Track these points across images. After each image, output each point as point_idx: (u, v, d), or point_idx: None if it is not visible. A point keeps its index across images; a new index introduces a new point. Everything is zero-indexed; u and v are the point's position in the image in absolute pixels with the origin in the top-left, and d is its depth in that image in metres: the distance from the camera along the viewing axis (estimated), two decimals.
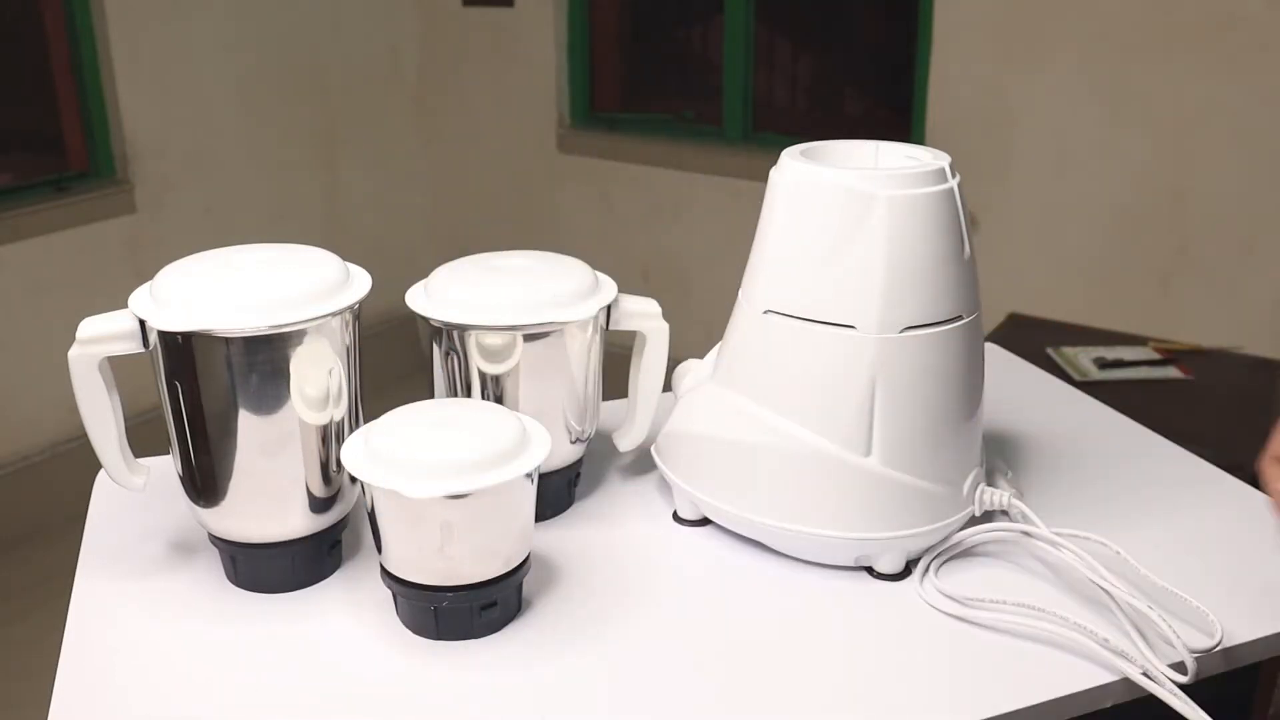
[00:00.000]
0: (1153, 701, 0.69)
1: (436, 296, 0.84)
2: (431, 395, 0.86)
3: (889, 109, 3.14)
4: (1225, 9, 2.40)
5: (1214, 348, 2.14)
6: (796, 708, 0.68)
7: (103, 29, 2.82)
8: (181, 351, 0.73)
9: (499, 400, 0.83)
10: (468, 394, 0.84)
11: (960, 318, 0.78)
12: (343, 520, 0.81)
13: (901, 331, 0.76)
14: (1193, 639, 0.70)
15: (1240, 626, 0.73)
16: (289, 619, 0.76)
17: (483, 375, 0.83)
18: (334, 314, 0.75)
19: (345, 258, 0.82)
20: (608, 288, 0.87)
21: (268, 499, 0.77)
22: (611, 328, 0.88)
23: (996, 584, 0.78)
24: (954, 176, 0.79)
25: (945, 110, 2.78)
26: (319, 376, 0.76)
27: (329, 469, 0.78)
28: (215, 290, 0.74)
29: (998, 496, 0.81)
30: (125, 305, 0.76)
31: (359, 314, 0.79)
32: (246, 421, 0.75)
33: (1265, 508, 0.88)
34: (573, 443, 0.87)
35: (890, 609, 0.76)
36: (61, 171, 2.87)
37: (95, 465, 0.82)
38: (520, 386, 0.83)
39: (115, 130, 2.89)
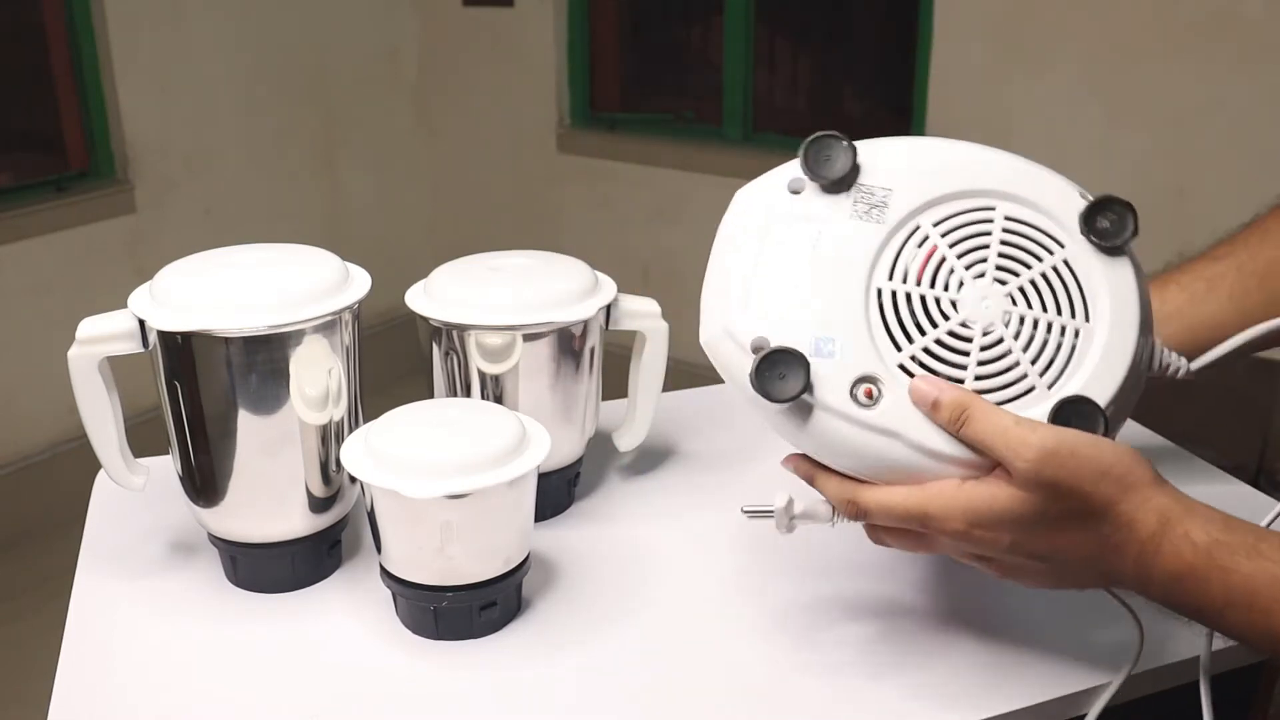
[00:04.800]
0: (1152, 702, 0.69)
1: (436, 296, 0.84)
2: (431, 395, 0.86)
3: (889, 109, 3.14)
4: (1225, 9, 2.40)
5: None
6: (797, 705, 0.68)
7: (103, 29, 2.82)
8: (181, 351, 0.74)
9: (499, 400, 0.83)
10: (468, 394, 0.84)
11: None
12: (343, 520, 0.81)
13: None
14: (1187, 639, 0.70)
15: None
16: (289, 619, 0.76)
17: (483, 375, 0.83)
18: (334, 314, 0.75)
19: (345, 258, 0.82)
20: (608, 288, 0.87)
21: (268, 499, 0.77)
22: (611, 327, 0.88)
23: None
24: None
25: (945, 110, 2.78)
26: (319, 376, 0.76)
27: (329, 469, 0.78)
28: (215, 290, 0.74)
29: None
30: (125, 305, 0.76)
31: (359, 314, 0.79)
32: (246, 421, 0.75)
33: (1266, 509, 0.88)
34: (572, 443, 0.87)
35: (892, 607, 0.76)
36: (61, 171, 2.86)
37: (95, 465, 0.82)
38: (520, 386, 0.83)
39: (115, 130, 2.88)
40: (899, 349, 0.62)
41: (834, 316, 0.62)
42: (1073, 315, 0.63)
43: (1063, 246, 0.63)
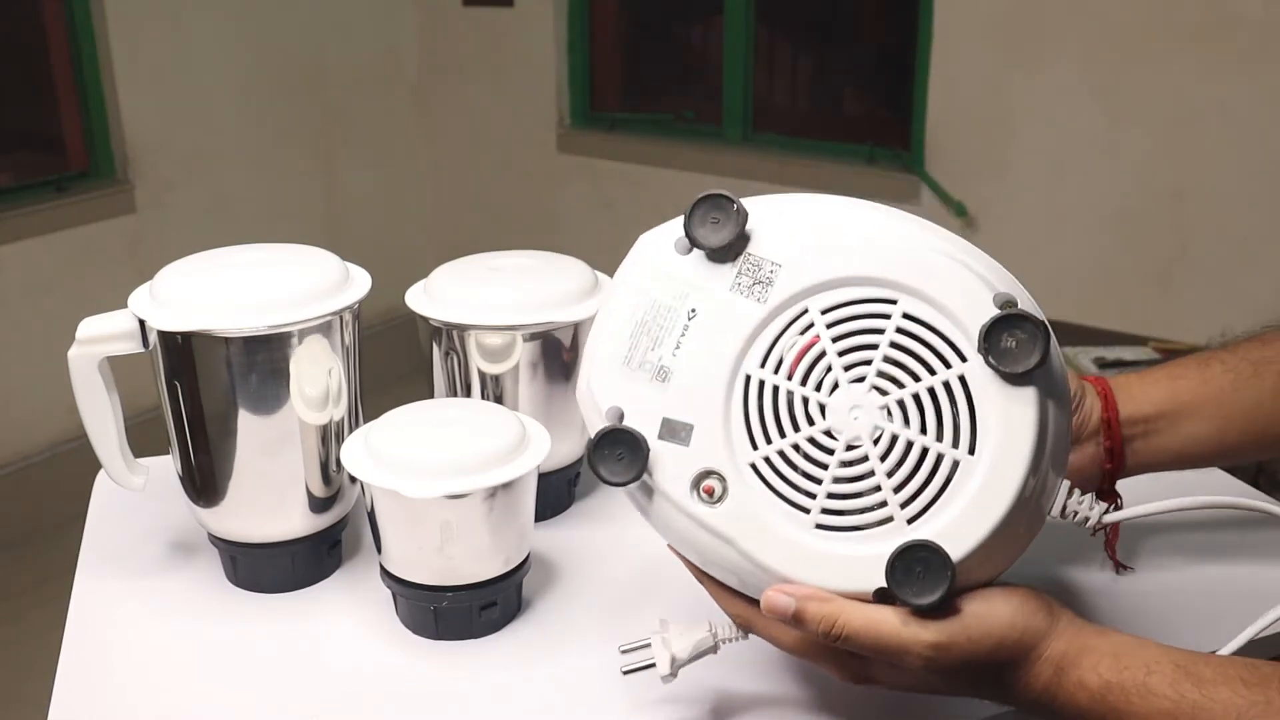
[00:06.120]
0: None
1: (436, 296, 0.84)
2: (431, 395, 0.86)
3: (889, 109, 3.14)
4: (1225, 10, 2.40)
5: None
6: (798, 705, 0.68)
7: (103, 29, 2.82)
8: (181, 351, 0.74)
9: (499, 400, 0.83)
10: (468, 394, 0.84)
11: None
12: (343, 520, 0.81)
13: None
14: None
15: (1233, 626, 0.73)
16: (289, 619, 0.76)
17: (483, 375, 0.83)
18: (334, 314, 0.75)
19: (345, 258, 0.82)
20: (607, 288, 0.87)
21: (268, 499, 0.77)
22: None
23: None
24: None
25: (945, 110, 2.78)
26: (319, 376, 0.76)
27: (329, 469, 0.78)
28: (215, 290, 0.74)
29: None
30: (125, 305, 0.76)
31: (359, 314, 0.79)
32: (246, 421, 0.75)
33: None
34: (572, 442, 0.87)
35: None
36: (61, 171, 2.86)
37: (95, 465, 0.82)
38: (520, 386, 0.83)
39: (115, 130, 2.88)
40: (755, 447, 0.57)
41: (693, 400, 0.58)
42: (955, 444, 0.55)
43: (964, 360, 0.55)
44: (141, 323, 0.74)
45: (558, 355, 0.83)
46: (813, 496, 0.56)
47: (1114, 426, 0.72)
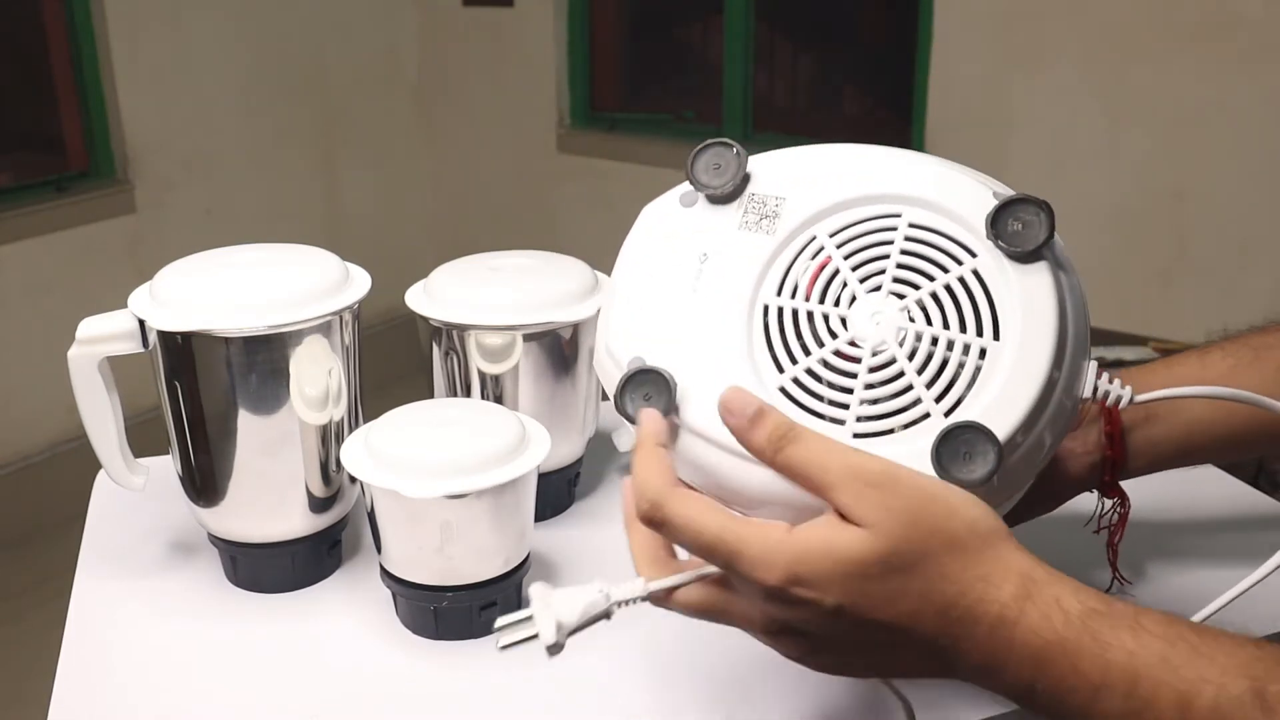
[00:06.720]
0: None
1: (436, 296, 0.84)
2: (431, 395, 0.86)
3: (889, 109, 3.14)
4: (1225, 10, 2.40)
5: None
6: (799, 705, 0.68)
7: (103, 29, 2.82)
8: (181, 351, 0.74)
9: (499, 400, 0.83)
10: (467, 394, 0.84)
11: None
12: (343, 520, 0.81)
13: None
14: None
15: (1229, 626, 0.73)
16: (289, 619, 0.76)
17: (482, 375, 0.83)
18: (334, 314, 0.75)
19: (345, 258, 0.82)
20: (607, 287, 0.87)
21: (267, 499, 0.77)
22: None
23: None
24: None
25: (945, 110, 2.78)
26: (318, 376, 0.76)
27: (329, 469, 0.78)
28: (215, 290, 0.74)
29: None
30: (125, 305, 0.76)
31: (359, 314, 0.79)
32: (246, 421, 0.75)
33: (1266, 509, 0.88)
34: (572, 442, 0.87)
35: None
36: (61, 171, 2.87)
37: (95, 465, 0.82)
38: (520, 386, 0.83)
39: (115, 130, 2.89)
40: (781, 370, 0.57)
41: (713, 335, 0.58)
42: (979, 332, 0.56)
43: (974, 256, 0.56)
44: (141, 323, 0.74)
45: (558, 355, 0.83)
46: (846, 407, 0.56)
47: (1113, 411, 0.71)
